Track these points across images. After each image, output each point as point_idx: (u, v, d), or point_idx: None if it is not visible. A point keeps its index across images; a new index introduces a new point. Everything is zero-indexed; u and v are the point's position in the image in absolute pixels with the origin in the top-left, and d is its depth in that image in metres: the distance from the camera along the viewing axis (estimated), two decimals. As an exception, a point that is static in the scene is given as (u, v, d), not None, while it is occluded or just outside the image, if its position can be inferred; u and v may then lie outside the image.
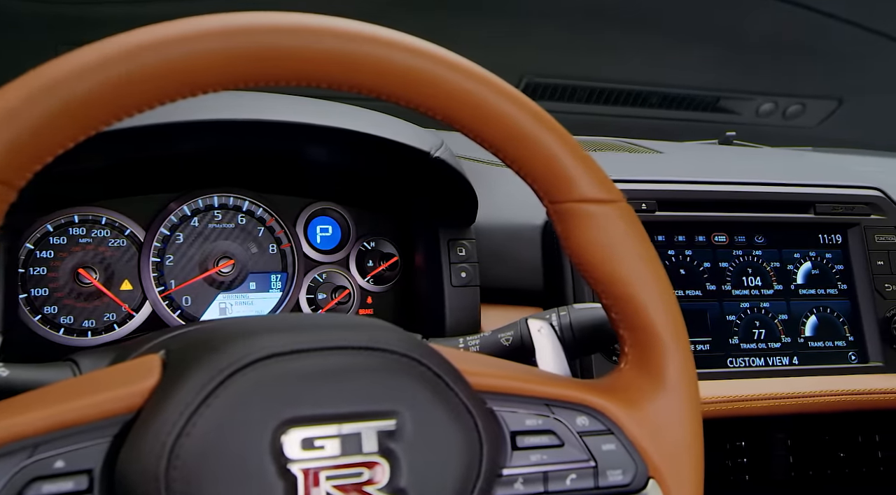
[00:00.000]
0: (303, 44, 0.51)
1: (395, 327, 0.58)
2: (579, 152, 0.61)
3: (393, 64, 0.54)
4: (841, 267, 1.06)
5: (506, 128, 0.58)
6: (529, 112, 0.59)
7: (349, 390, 0.50)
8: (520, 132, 0.59)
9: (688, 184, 1.03)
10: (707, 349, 0.99)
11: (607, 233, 0.61)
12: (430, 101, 0.56)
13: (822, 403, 0.98)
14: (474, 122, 0.58)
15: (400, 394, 0.52)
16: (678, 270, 1.00)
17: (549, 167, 0.60)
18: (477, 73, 0.57)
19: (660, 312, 0.62)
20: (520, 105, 0.59)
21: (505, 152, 0.60)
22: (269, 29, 0.50)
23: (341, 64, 0.52)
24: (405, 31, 0.53)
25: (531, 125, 0.59)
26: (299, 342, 0.51)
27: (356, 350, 0.52)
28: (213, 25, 0.49)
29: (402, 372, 0.53)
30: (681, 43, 1.88)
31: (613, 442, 0.60)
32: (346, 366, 0.51)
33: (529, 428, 0.59)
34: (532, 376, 0.62)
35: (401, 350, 0.53)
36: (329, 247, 1.05)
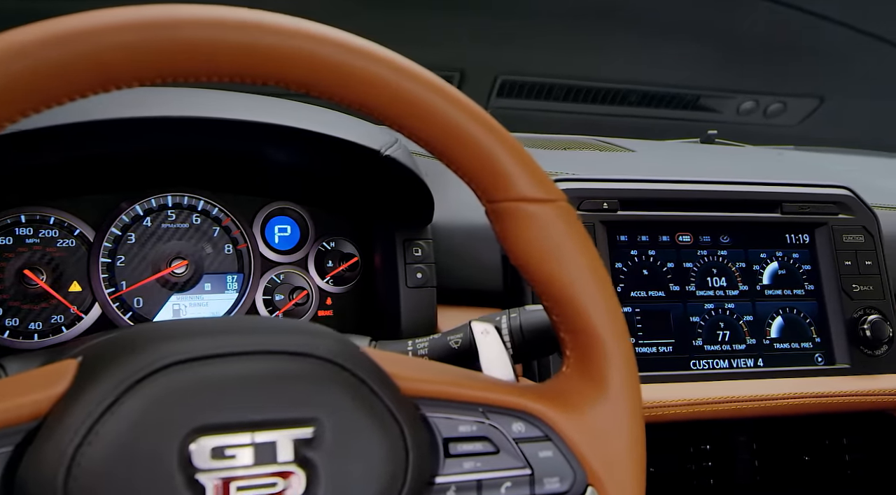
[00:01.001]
0: (219, 37, 0.49)
1: (327, 331, 0.56)
2: (517, 150, 0.59)
3: (321, 59, 0.52)
4: (808, 267, 1.05)
5: (441, 125, 0.57)
6: (465, 109, 0.57)
7: (264, 396, 0.49)
8: (455, 130, 0.57)
9: (651, 183, 1.01)
10: (670, 351, 0.97)
11: (546, 233, 0.59)
12: (361, 97, 0.54)
13: (788, 406, 0.96)
14: (409, 120, 0.56)
15: (319, 401, 0.50)
16: (641, 271, 0.99)
17: (486, 166, 0.58)
18: (410, 70, 0.55)
19: (600, 315, 0.60)
20: (454, 102, 0.57)
21: (441, 150, 0.58)
22: (180, 23, 0.48)
23: (268, 59, 0.50)
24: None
25: (467, 123, 0.57)
26: (212, 347, 0.49)
27: (273, 354, 0.50)
28: (124, 18, 0.47)
29: (323, 377, 0.51)
30: (659, 40, 1.87)
31: (551, 448, 0.59)
32: (261, 372, 0.49)
33: (463, 434, 0.57)
34: (468, 381, 0.60)
35: (321, 354, 0.51)
36: (287, 247, 1.04)
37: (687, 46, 1.91)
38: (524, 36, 1.78)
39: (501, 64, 1.81)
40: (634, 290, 0.98)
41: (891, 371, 1.02)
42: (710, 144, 1.84)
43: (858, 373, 1.01)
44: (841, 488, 1.04)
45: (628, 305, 0.97)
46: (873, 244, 1.06)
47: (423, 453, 0.54)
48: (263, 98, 0.91)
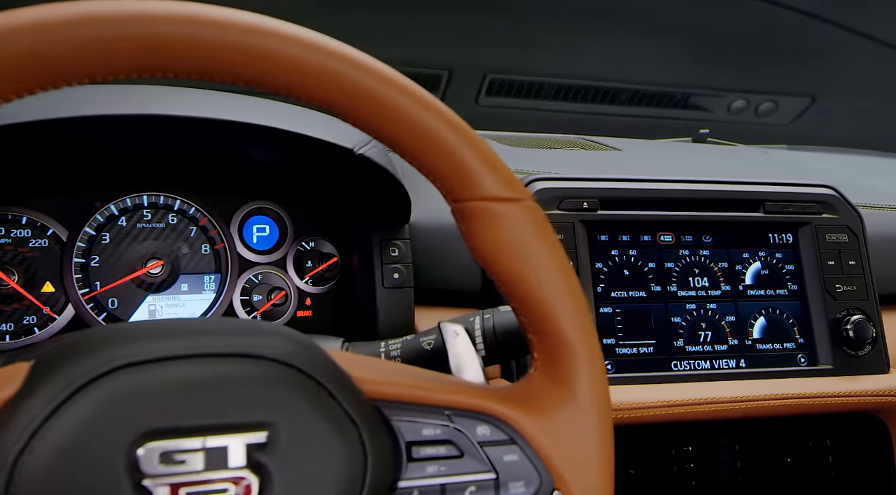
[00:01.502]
0: (174, 32, 0.48)
1: (286, 332, 0.55)
2: (482, 149, 0.58)
3: (276, 55, 0.51)
4: (791, 267, 1.04)
5: (404, 123, 0.56)
6: (429, 107, 0.56)
7: (216, 400, 0.48)
8: (419, 128, 0.56)
9: (632, 182, 1.00)
10: (651, 352, 0.96)
11: (512, 233, 0.58)
12: (320, 93, 0.53)
13: (770, 407, 0.95)
14: (371, 118, 0.55)
15: (274, 405, 0.49)
16: (621, 271, 0.98)
17: (451, 164, 0.57)
18: (372, 67, 0.54)
19: (568, 316, 0.59)
20: (418, 100, 0.56)
21: (405, 149, 0.57)
22: (133, 17, 0.47)
23: (224, 54, 0.49)
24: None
25: (431, 121, 0.56)
26: (163, 349, 0.48)
27: (226, 357, 0.49)
28: (70, 13, 0.46)
29: (278, 381, 0.50)
30: (648, 39, 1.86)
31: (516, 452, 0.58)
32: (214, 375, 0.48)
33: (426, 438, 0.57)
34: (433, 383, 0.59)
35: (277, 357, 0.50)
36: (266, 247, 1.03)
37: (677, 45, 1.90)
38: (513, 34, 1.77)
39: (490, 62, 1.80)
40: (615, 291, 0.97)
41: (874, 371, 1.01)
42: (702, 143, 1.83)
43: (841, 374, 1.00)
44: (824, 490, 1.03)
45: (609, 306, 0.96)
46: (857, 244, 1.05)
47: (384, 457, 0.53)
48: (238, 96, 0.90)
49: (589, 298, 0.95)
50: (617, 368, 0.94)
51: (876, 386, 0.99)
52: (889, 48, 2.00)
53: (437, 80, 1.77)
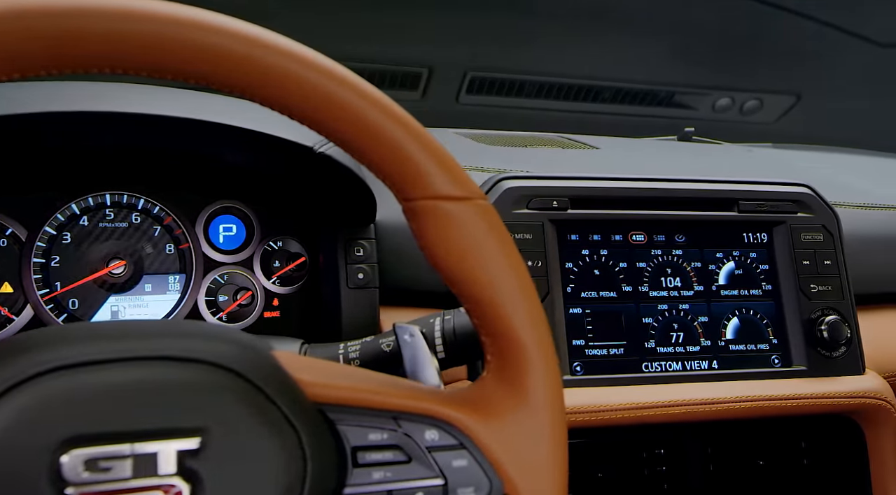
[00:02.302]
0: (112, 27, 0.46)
1: (226, 334, 0.53)
2: (432, 147, 0.57)
3: (211, 48, 0.49)
4: (766, 267, 1.02)
5: (351, 120, 0.54)
6: (376, 103, 0.55)
7: (146, 405, 0.46)
8: (366, 125, 0.54)
9: (603, 181, 0.99)
10: (621, 353, 0.95)
11: (463, 232, 0.56)
12: (266, 91, 0.51)
13: (742, 409, 0.94)
14: (317, 114, 0.53)
15: (207, 410, 0.47)
16: (592, 271, 0.96)
17: (400, 162, 0.56)
18: (316, 61, 0.53)
19: (521, 318, 0.58)
20: (365, 96, 0.54)
21: (352, 146, 0.56)
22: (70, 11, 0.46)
23: (163, 49, 0.48)
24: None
25: (378, 117, 0.54)
26: (91, 353, 0.46)
27: (158, 360, 0.48)
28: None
29: (213, 385, 0.48)
30: (631, 36, 1.85)
31: (465, 457, 0.56)
32: (144, 379, 0.47)
33: (373, 442, 0.55)
34: (381, 387, 0.57)
35: (212, 360, 0.49)
36: (232, 247, 1.01)
37: (660, 43, 1.89)
38: (493, 31, 1.75)
39: (470, 60, 1.79)
40: (585, 291, 0.95)
41: (848, 373, 1.00)
42: (688, 142, 1.82)
43: (815, 376, 0.98)
44: (798, 493, 1.02)
45: (578, 306, 0.94)
46: (833, 243, 1.04)
47: (326, 463, 0.52)
48: (199, 94, 0.89)
49: (558, 299, 0.93)
50: (586, 370, 0.93)
51: (850, 388, 0.98)
52: (875, 46, 1.99)
53: (416, 77, 1.76)
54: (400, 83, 1.75)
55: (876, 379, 1.00)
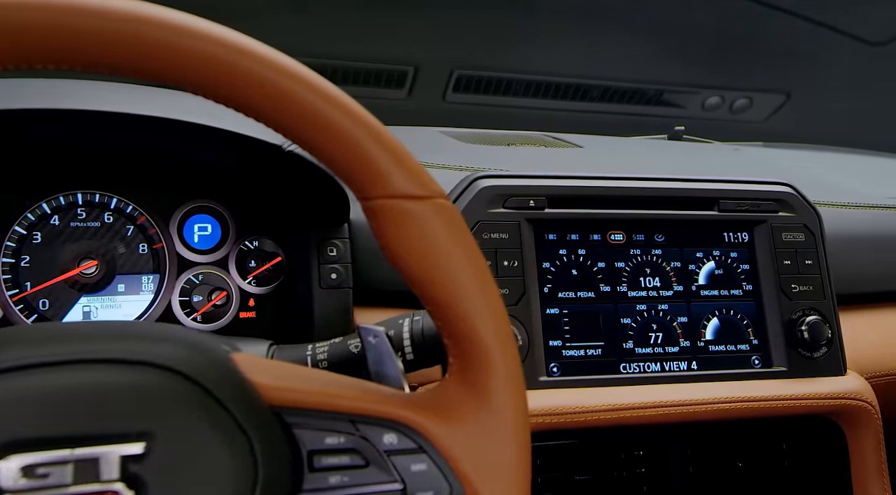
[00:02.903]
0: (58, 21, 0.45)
1: (179, 336, 0.52)
2: (391, 144, 0.55)
3: (156, 42, 0.48)
4: (746, 266, 1.01)
5: (307, 117, 0.53)
6: (332, 100, 0.54)
7: (88, 409, 0.45)
8: (323, 122, 0.53)
9: (581, 180, 0.97)
10: (599, 354, 0.94)
11: (422, 232, 0.55)
12: (222, 89, 0.50)
13: (721, 411, 0.93)
14: (273, 112, 0.52)
15: (153, 414, 0.46)
16: (569, 271, 0.95)
17: (358, 160, 0.55)
18: (270, 57, 0.51)
19: (482, 320, 0.57)
20: (321, 93, 0.53)
21: (310, 144, 0.54)
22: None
23: (109, 43, 0.47)
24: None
25: (335, 114, 0.53)
26: (31, 355, 0.45)
27: (102, 363, 0.47)
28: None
29: (160, 388, 0.47)
30: (620, 34, 1.83)
31: (425, 461, 0.55)
32: (86, 382, 0.46)
33: (329, 446, 0.54)
34: (339, 389, 0.56)
35: (159, 362, 0.48)
36: (208, 246, 1.00)
37: (648, 41, 1.88)
38: (480, 29, 1.74)
39: (457, 58, 1.77)
40: (562, 291, 0.94)
41: (829, 374, 0.99)
42: (678, 141, 1.81)
43: (796, 376, 0.97)
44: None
45: (555, 307, 0.93)
46: (814, 243, 1.03)
47: (279, 468, 0.50)
48: (171, 92, 0.88)
49: (535, 299, 0.92)
50: (563, 371, 0.92)
51: (831, 389, 0.97)
52: (865, 45, 1.98)
53: (402, 76, 1.75)
54: (386, 81, 1.74)
55: (857, 380, 0.99)
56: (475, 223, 0.91)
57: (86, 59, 0.46)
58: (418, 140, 1.25)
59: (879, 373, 1.07)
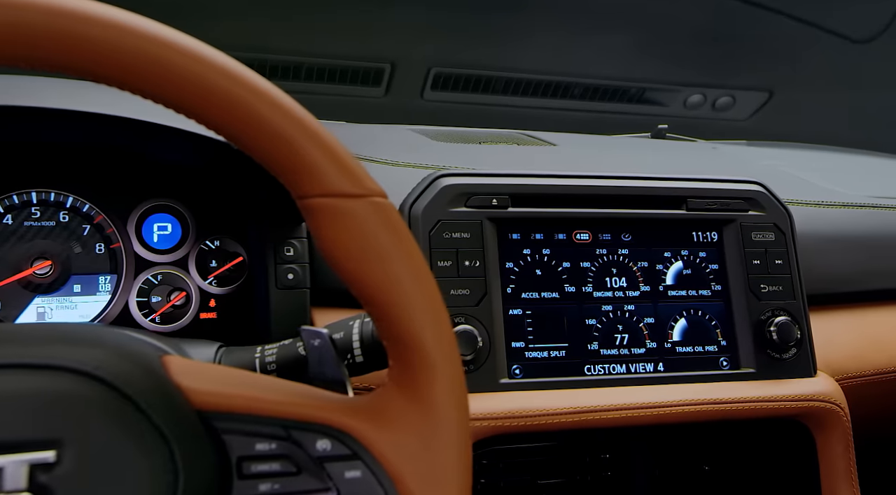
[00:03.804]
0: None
1: (106, 339, 0.51)
2: (325, 141, 0.54)
3: (84, 37, 0.46)
4: (715, 266, 1.00)
5: (237, 113, 0.51)
6: (260, 94, 0.52)
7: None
8: (253, 118, 0.52)
9: (546, 178, 0.96)
10: (562, 355, 0.92)
11: (358, 232, 0.54)
12: (139, 80, 0.49)
13: (688, 413, 0.91)
14: (204, 110, 0.51)
15: (65, 421, 0.45)
16: (533, 271, 0.93)
17: (291, 158, 0.53)
18: (199, 52, 0.50)
19: (421, 322, 0.55)
20: (250, 88, 0.52)
21: (241, 141, 0.53)
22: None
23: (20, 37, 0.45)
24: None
25: (266, 110, 0.52)
26: (-65, 361, 0.44)
27: (11, 368, 0.45)
28: None
29: (73, 394, 0.46)
30: (600, 32, 1.82)
31: (360, 468, 0.54)
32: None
33: (259, 452, 0.52)
34: (272, 393, 0.55)
35: (73, 367, 0.46)
36: (168, 246, 0.98)
37: (629, 38, 1.86)
38: (457, 26, 1.72)
39: (434, 55, 1.75)
40: (526, 291, 0.92)
41: (799, 375, 0.97)
42: (661, 139, 1.80)
43: (764, 378, 0.96)
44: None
45: (518, 307, 0.92)
46: (784, 242, 1.01)
47: (204, 475, 0.49)
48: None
49: (497, 300, 0.90)
50: (526, 373, 0.90)
51: (799, 391, 0.95)
52: (848, 42, 1.96)
53: (379, 73, 1.73)
54: (362, 79, 1.72)
55: (827, 381, 0.98)
56: (436, 222, 0.90)
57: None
58: (388, 138, 1.23)
59: (852, 375, 1.06)
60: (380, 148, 1.10)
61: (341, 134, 1.20)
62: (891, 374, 1.08)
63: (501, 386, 0.88)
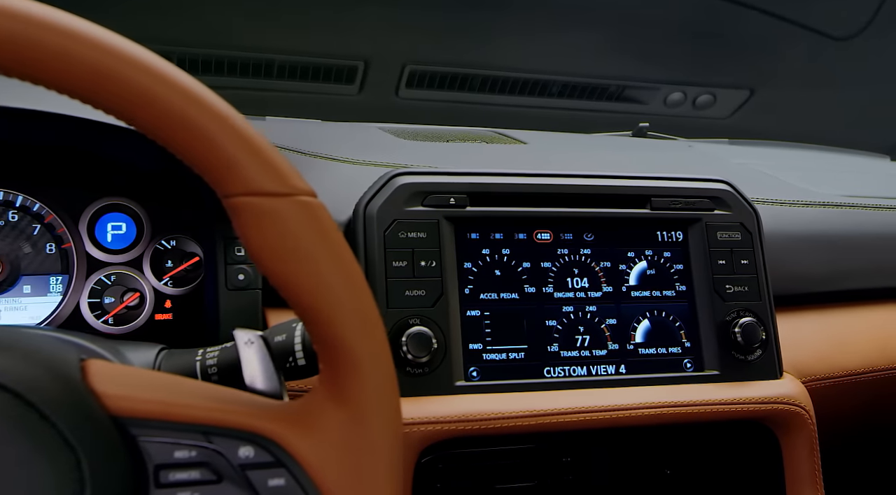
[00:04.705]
0: None
1: (11, 342, 0.49)
2: (248, 137, 0.52)
3: None
4: (680, 266, 0.98)
5: (156, 108, 0.50)
6: (183, 91, 0.50)
7: None
8: (171, 112, 0.50)
9: (506, 177, 0.94)
10: (521, 357, 0.90)
11: (283, 232, 0.52)
12: (57, 77, 0.47)
13: (650, 416, 0.89)
14: (119, 103, 0.49)
15: (-41, 430, 0.43)
16: (492, 271, 0.91)
17: (214, 155, 0.51)
18: (104, 42, 0.48)
19: (351, 325, 0.53)
20: (167, 82, 0.50)
21: (160, 137, 0.51)
22: None
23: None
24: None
25: (183, 104, 0.50)
26: None
27: None
28: None
29: (-31, 401, 0.44)
30: (579, 28, 1.80)
31: (283, 475, 0.52)
32: None
33: (179, 460, 0.51)
34: (194, 398, 0.53)
35: (-28, 374, 0.44)
36: (122, 245, 0.96)
37: (608, 35, 1.84)
38: (433, 23, 1.70)
39: (409, 53, 1.73)
40: (484, 292, 0.91)
41: (764, 377, 0.95)
42: (642, 137, 1.78)
43: (729, 380, 0.94)
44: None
45: (476, 308, 0.90)
46: (751, 242, 1.00)
47: (114, 485, 0.47)
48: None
49: (454, 301, 0.89)
50: (483, 375, 0.88)
51: (763, 393, 0.93)
52: (829, 40, 1.95)
53: (353, 71, 1.71)
54: (335, 77, 1.70)
55: (792, 383, 0.96)
56: (391, 222, 0.88)
57: None
58: (353, 136, 1.21)
59: (821, 377, 1.04)
60: (342, 146, 1.08)
61: (303, 132, 1.19)
62: (859, 376, 1.07)
63: (457, 388, 0.86)
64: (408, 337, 0.84)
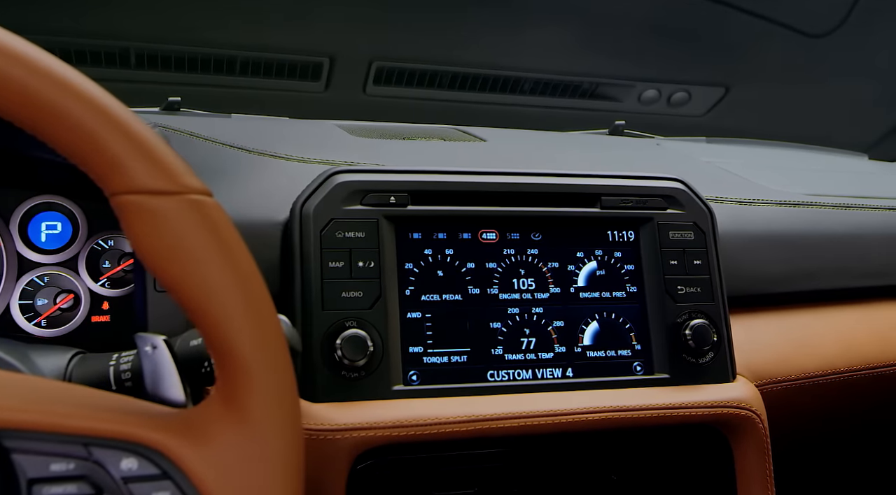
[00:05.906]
0: None
1: None
2: (133, 132, 0.49)
3: None
4: (631, 267, 0.95)
5: (36, 104, 0.47)
6: (61, 83, 0.48)
7: None
8: (50, 107, 0.47)
9: (450, 175, 0.91)
10: (464, 361, 0.87)
11: (171, 232, 0.49)
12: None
13: (596, 421, 0.87)
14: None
15: None
16: (435, 272, 0.89)
17: (97, 152, 0.49)
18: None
19: (241, 328, 0.51)
20: (44, 74, 0.47)
21: (40, 131, 0.49)
22: None
23: None
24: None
25: (61, 97, 0.47)
26: None
27: None
28: None
29: None
30: (549, 24, 1.77)
31: (169, 488, 0.49)
32: None
33: (54, 474, 0.48)
34: (73, 407, 0.50)
35: None
36: (57, 245, 0.94)
37: (580, 32, 1.82)
38: (400, 18, 1.67)
39: (376, 49, 1.70)
40: (426, 294, 0.88)
41: (715, 380, 0.93)
42: (619, 136, 1.75)
43: (679, 384, 0.92)
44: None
45: (417, 310, 0.87)
46: (704, 242, 0.97)
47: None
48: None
49: (393, 302, 0.86)
50: (423, 379, 0.86)
51: (713, 397, 0.91)
52: (804, 37, 1.92)
53: (318, 68, 1.68)
54: (300, 74, 1.67)
55: (744, 387, 0.93)
56: (328, 221, 0.85)
57: None
58: (305, 133, 1.19)
59: (779, 379, 1.02)
60: (291, 143, 1.05)
61: (260, 129, 1.16)
62: (819, 378, 1.04)
63: (395, 393, 0.83)
64: (342, 340, 0.81)
